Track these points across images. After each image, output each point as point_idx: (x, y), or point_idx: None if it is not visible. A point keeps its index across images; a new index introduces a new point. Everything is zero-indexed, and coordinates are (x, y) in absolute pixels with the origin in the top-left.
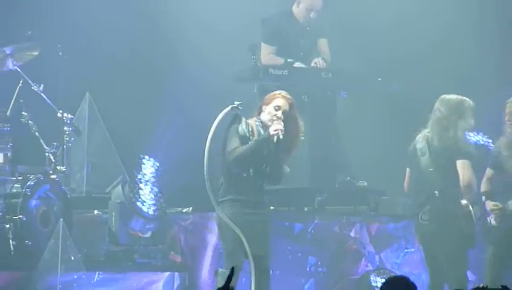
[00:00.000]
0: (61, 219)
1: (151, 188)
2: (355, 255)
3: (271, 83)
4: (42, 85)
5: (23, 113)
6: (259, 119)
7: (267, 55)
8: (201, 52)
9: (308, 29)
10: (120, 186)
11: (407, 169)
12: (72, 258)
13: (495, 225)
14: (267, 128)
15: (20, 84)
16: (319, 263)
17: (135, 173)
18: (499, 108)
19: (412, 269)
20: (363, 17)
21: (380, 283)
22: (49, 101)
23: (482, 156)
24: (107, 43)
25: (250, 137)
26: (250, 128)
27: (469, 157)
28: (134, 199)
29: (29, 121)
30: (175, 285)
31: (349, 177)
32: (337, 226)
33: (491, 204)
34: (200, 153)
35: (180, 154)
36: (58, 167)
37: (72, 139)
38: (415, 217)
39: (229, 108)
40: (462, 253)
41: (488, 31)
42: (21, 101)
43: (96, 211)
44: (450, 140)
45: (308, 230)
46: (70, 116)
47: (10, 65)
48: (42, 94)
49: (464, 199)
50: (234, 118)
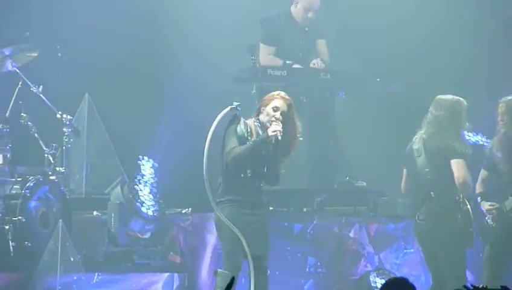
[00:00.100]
0: (61, 220)
1: (151, 189)
2: (355, 256)
3: (270, 83)
4: (41, 86)
5: (22, 114)
6: (258, 120)
7: (266, 56)
8: (200, 53)
9: (306, 29)
10: (119, 187)
11: (404, 170)
12: (72, 259)
13: (492, 225)
14: (265, 129)
15: (19, 86)
16: (318, 264)
17: (134, 174)
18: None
19: (411, 270)
20: (361, 18)
21: (379, 283)
22: (48, 102)
23: (481, 156)
24: (106, 44)
25: (249, 138)
26: (249, 129)
27: (464, 157)
28: (133, 200)
29: (29, 122)
30: (174, 286)
31: (348, 178)
32: (336, 226)
33: (487, 205)
34: (199, 153)
35: (179, 155)
36: (57, 168)
37: (71, 140)
38: (413, 218)
39: (228, 109)
40: (460, 252)
41: (486, 31)
42: (20, 102)
43: (95, 212)
44: (445, 140)
45: (308, 231)
46: (69, 117)
47: (9, 66)
48: (41, 95)
49: (461, 198)
50: (233, 119)
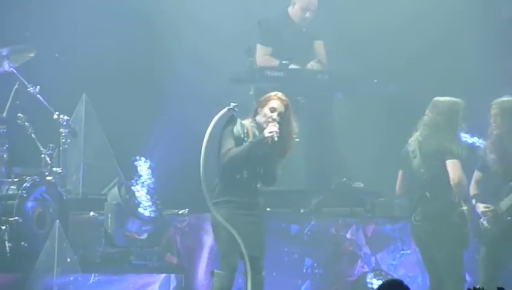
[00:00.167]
0: (57, 221)
1: (148, 190)
2: (352, 257)
3: (267, 84)
4: (38, 86)
5: (19, 114)
6: (255, 121)
7: (263, 56)
8: (198, 54)
9: (304, 30)
10: (116, 187)
11: (400, 171)
12: (68, 259)
13: (487, 227)
14: (262, 130)
15: (16, 86)
16: (315, 265)
17: (131, 175)
18: None
19: (408, 271)
20: (359, 19)
21: (376, 284)
22: (46, 103)
23: (477, 158)
24: (103, 44)
25: (245, 138)
26: (245, 130)
27: (460, 158)
28: (130, 201)
29: (26, 123)
30: (171, 287)
31: (345, 179)
32: (333, 227)
33: (482, 206)
34: (197, 154)
35: (176, 156)
36: (54, 169)
37: (68, 140)
38: (410, 219)
39: (226, 109)
40: (458, 253)
41: (483, 32)
42: (17, 102)
43: (92, 213)
44: (441, 142)
45: (305, 231)
46: (66, 117)
47: (6, 67)
48: (38, 96)
49: (456, 199)
50: (229, 120)
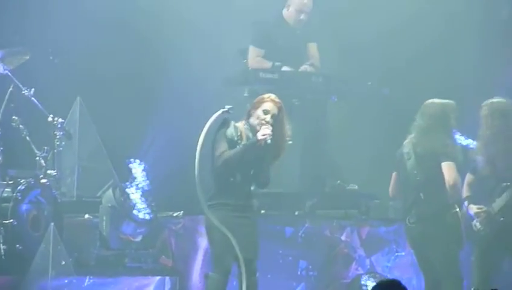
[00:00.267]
0: (52, 223)
1: (142, 192)
2: (346, 259)
3: (261, 86)
4: (33, 89)
5: (13, 117)
6: (248, 123)
7: (255, 58)
8: (192, 56)
9: (298, 32)
10: (111, 190)
11: (393, 173)
12: (63, 262)
13: (480, 229)
14: (255, 132)
15: (10, 89)
16: (310, 267)
17: (126, 177)
18: None
19: (402, 273)
20: (353, 22)
21: (370, 286)
22: (40, 105)
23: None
24: (97, 47)
25: (239, 141)
26: (239, 132)
27: (454, 159)
28: (125, 203)
29: (20, 126)
30: (166, 289)
31: (339, 181)
32: (327, 230)
33: (475, 208)
34: (192, 156)
35: (171, 158)
36: (48, 171)
37: (62, 143)
38: (404, 221)
39: (220, 112)
40: (453, 254)
41: (477, 35)
42: (12, 105)
43: (87, 215)
44: (434, 143)
45: (299, 234)
46: (61, 120)
47: (1, 69)
48: (33, 98)
49: (450, 200)
50: (223, 122)
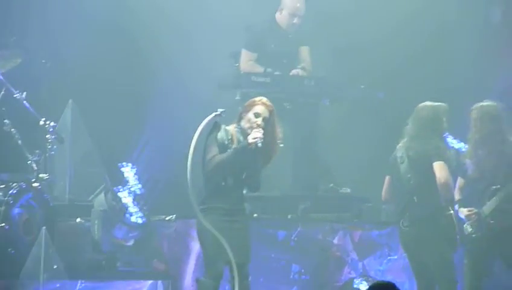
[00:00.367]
0: (44, 227)
1: (134, 196)
2: (339, 263)
3: (253, 90)
4: (25, 93)
5: (5, 121)
6: (240, 126)
7: (247, 62)
8: (184, 60)
9: (290, 36)
10: (103, 194)
11: (387, 177)
12: (55, 266)
13: (471, 232)
14: (246, 135)
15: (2, 92)
16: (303, 271)
17: (118, 181)
18: None
19: (395, 277)
20: (345, 26)
21: None
22: (32, 109)
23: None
24: (89, 50)
25: (230, 144)
26: (230, 136)
27: (445, 160)
28: (117, 207)
29: (12, 129)
30: None
31: (332, 185)
32: (320, 233)
33: (465, 210)
34: (184, 160)
35: (163, 162)
36: (40, 175)
37: (54, 147)
38: (397, 224)
39: (213, 115)
40: (447, 256)
41: (469, 39)
42: (3, 109)
43: (79, 219)
44: (426, 146)
45: (292, 237)
46: (53, 124)
47: None
48: (25, 102)
49: (443, 200)
50: (213, 126)
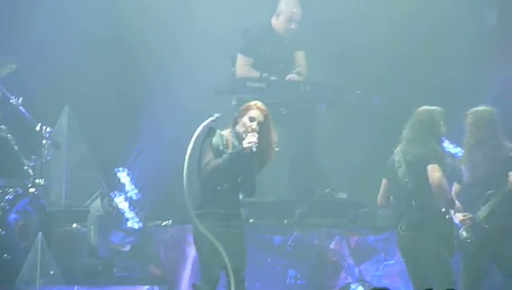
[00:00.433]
0: (40, 233)
1: (130, 201)
2: (335, 268)
3: (249, 95)
4: (21, 98)
5: (1, 126)
6: (235, 130)
7: (243, 67)
8: (180, 65)
9: (286, 41)
10: (99, 199)
11: (383, 180)
12: (51, 272)
13: (467, 237)
14: (241, 140)
15: None
16: (299, 276)
17: (114, 186)
18: None
19: (391, 282)
20: (341, 31)
21: None
22: (28, 115)
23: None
24: (85, 56)
25: (225, 149)
26: (225, 141)
27: (439, 162)
28: (113, 212)
29: (8, 135)
30: None
31: (328, 190)
32: (316, 238)
33: (460, 215)
34: (180, 166)
35: (159, 167)
36: (36, 181)
37: (51, 152)
38: (394, 229)
39: (209, 120)
40: (444, 260)
41: (464, 43)
42: None
43: (75, 225)
44: (422, 150)
45: (288, 242)
46: (49, 129)
47: None
48: (21, 107)
49: (442, 203)
50: (208, 132)
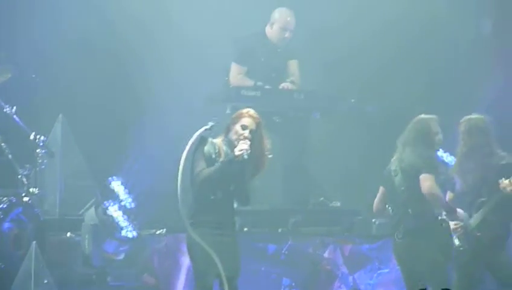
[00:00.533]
0: (34, 242)
1: (125, 210)
2: (329, 276)
3: (243, 104)
4: (15, 107)
5: None
6: (227, 138)
7: (237, 75)
8: (175, 74)
9: (279, 50)
10: (93, 208)
11: (381, 188)
12: (45, 281)
13: (459, 245)
14: (233, 147)
15: None
16: (293, 284)
17: (108, 195)
18: None
19: None
20: (335, 39)
21: None
22: (22, 124)
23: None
24: (80, 65)
25: (217, 158)
26: (217, 149)
27: (431, 171)
28: (107, 221)
29: (2, 144)
30: None
31: (322, 198)
32: (310, 247)
33: (452, 224)
34: (174, 174)
35: (153, 176)
36: (31, 189)
37: (45, 161)
38: (388, 238)
39: (203, 129)
40: (442, 267)
41: (459, 51)
42: None
43: (69, 234)
44: (416, 159)
45: (282, 251)
46: (43, 138)
47: None
48: (15, 116)
49: (437, 213)
50: (200, 140)
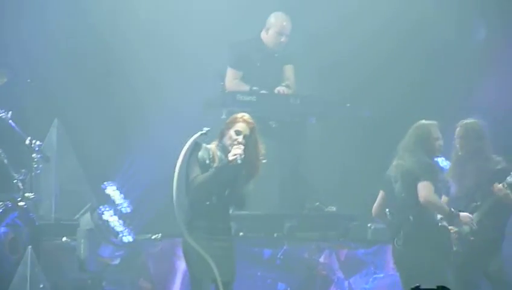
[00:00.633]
0: (30, 246)
1: (120, 215)
2: (325, 281)
3: (239, 109)
4: (10, 112)
5: None
6: (222, 143)
7: (233, 80)
8: (171, 79)
9: (276, 55)
10: (89, 213)
11: (381, 192)
12: (41, 285)
13: (454, 250)
14: (227, 152)
15: None
16: (289, 289)
17: (104, 200)
18: None
19: None
20: (331, 44)
21: None
22: (17, 128)
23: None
24: (75, 70)
25: (211, 163)
26: (211, 154)
27: (429, 179)
28: (103, 226)
29: None
30: None
31: (318, 203)
32: (306, 252)
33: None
34: (170, 179)
35: (149, 181)
36: (26, 194)
37: (40, 166)
38: (391, 243)
39: (198, 134)
40: (442, 273)
41: (455, 56)
42: None
43: (64, 238)
44: (414, 165)
45: (278, 256)
46: (38, 143)
47: None
48: (10, 121)
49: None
50: (194, 146)
